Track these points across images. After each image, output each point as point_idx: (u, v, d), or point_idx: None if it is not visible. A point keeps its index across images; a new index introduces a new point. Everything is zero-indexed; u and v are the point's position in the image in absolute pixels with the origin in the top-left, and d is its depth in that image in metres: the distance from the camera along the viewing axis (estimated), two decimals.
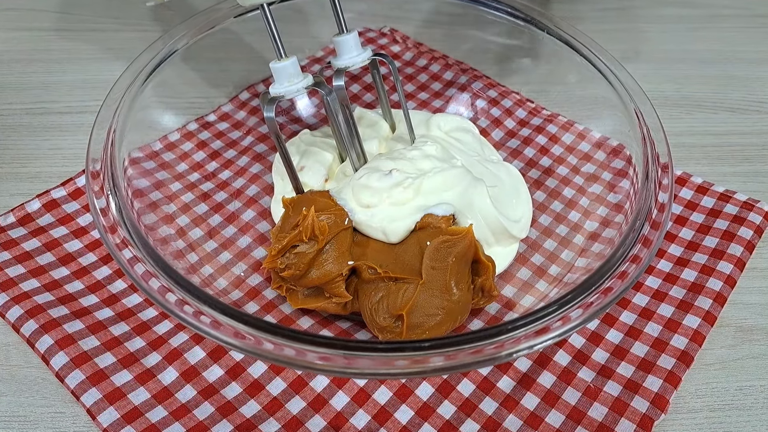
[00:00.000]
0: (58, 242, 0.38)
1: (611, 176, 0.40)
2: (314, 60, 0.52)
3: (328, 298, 0.34)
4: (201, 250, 0.38)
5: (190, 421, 0.32)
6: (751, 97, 0.53)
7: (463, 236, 0.34)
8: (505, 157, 0.45)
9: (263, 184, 0.43)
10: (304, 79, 0.36)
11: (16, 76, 0.51)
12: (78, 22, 0.57)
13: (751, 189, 0.44)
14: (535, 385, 0.34)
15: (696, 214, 0.42)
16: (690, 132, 0.50)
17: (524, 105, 0.48)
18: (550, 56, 0.45)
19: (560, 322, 0.28)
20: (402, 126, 0.42)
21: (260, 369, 0.34)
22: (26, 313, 0.34)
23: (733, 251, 0.39)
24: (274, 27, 0.35)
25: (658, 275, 0.39)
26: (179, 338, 0.35)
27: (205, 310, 0.28)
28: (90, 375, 0.32)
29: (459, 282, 0.33)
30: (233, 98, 0.48)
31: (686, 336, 0.35)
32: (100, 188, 0.32)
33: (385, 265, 0.34)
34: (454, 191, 0.36)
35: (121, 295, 0.36)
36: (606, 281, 0.30)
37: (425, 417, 0.33)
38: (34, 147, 0.46)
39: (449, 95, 0.50)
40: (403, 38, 0.55)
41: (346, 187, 0.37)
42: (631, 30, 0.60)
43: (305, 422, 0.32)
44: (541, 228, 0.41)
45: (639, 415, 0.32)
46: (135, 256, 0.30)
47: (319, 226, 0.33)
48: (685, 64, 0.56)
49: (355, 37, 0.38)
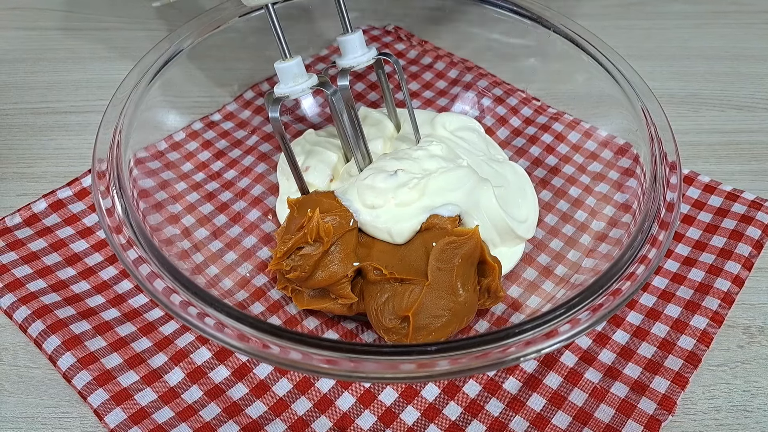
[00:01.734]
0: (64, 242, 0.38)
1: (618, 175, 0.40)
2: (319, 59, 0.52)
3: (333, 300, 0.34)
4: (206, 251, 0.38)
5: (196, 421, 0.32)
6: (759, 94, 0.53)
7: (469, 237, 0.34)
8: (510, 155, 0.45)
9: (268, 184, 0.43)
10: (308, 78, 0.36)
11: (21, 75, 0.51)
12: (82, 21, 0.57)
13: (760, 188, 0.44)
14: (541, 386, 0.34)
15: (703, 213, 0.42)
16: (697, 130, 0.50)
17: (530, 103, 0.48)
18: (556, 54, 0.44)
19: (568, 325, 0.28)
20: (407, 125, 0.42)
21: (266, 370, 0.34)
22: (33, 314, 0.34)
23: (741, 251, 0.39)
24: (279, 26, 0.35)
25: (666, 275, 0.38)
26: (185, 339, 0.35)
27: (210, 312, 0.28)
28: (97, 376, 0.32)
29: (465, 283, 0.33)
30: (238, 97, 0.48)
31: (694, 337, 0.35)
32: (105, 188, 0.32)
33: (390, 266, 0.34)
34: (460, 191, 0.36)
35: (127, 295, 0.36)
36: (615, 283, 0.30)
37: (431, 418, 0.33)
38: (39, 147, 0.46)
39: (454, 93, 0.50)
40: (408, 36, 0.55)
41: (351, 187, 0.37)
42: (637, 27, 0.60)
43: (311, 423, 0.32)
44: (548, 228, 0.41)
45: (646, 416, 0.32)
46: (140, 256, 0.30)
47: (324, 227, 0.33)
48: (691, 61, 0.56)
49: (359, 36, 0.38)
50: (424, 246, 0.34)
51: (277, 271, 0.35)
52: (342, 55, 0.38)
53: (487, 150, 0.43)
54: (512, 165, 0.43)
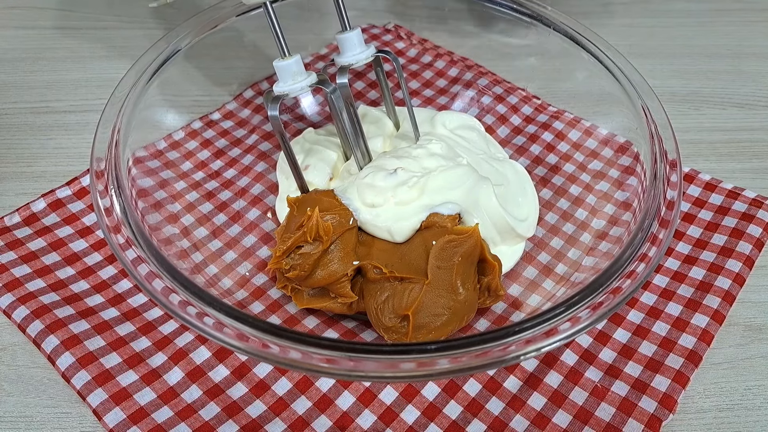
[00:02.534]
0: (63, 242, 0.38)
1: (618, 173, 0.40)
2: (318, 57, 0.52)
3: (333, 298, 0.34)
4: (206, 250, 0.38)
5: (196, 421, 0.32)
6: (760, 92, 0.52)
7: (469, 236, 0.34)
8: (510, 154, 0.45)
9: (268, 183, 0.43)
10: (308, 77, 0.36)
11: (20, 75, 0.51)
12: (81, 21, 0.57)
13: (760, 186, 0.44)
14: (542, 385, 0.34)
15: (704, 211, 0.42)
16: (698, 128, 0.49)
17: (530, 101, 0.48)
18: (556, 52, 0.44)
19: (569, 323, 0.28)
20: (406, 123, 0.42)
21: (266, 369, 0.34)
22: (32, 314, 0.34)
23: (741, 249, 0.39)
24: (277, 25, 0.35)
25: (666, 273, 0.38)
26: (185, 338, 0.35)
27: (210, 312, 0.28)
28: (96, 375, 0.32)
29: (465, 281, 0.33)
30: (237, 96, 0.48)
31: (694, 335, 0.35)
32: (104, 188, 0.32)
33: (390, 265, 0.33)
34: (460, 190, 0.36)
35: (126, 294, 0.36)
36: (615, 281, 0.30)
37: (431, 417, 0.32)
38: (38, 146, 0.46)
39: (454, 92, 0.50)
40: (408, 34, 0.55)
41: (351, 186, 0.36)
42: (638, 25, 0.60)
43: (311, 422, 0.32)
44: (548, 226, 0.40)
45: (647, 415, 0.32)
46: (139, 256, 0.30)
47: (324, 226, 0.33)
48: (692, 59, 0.56)
49: (358, 34, 0.38)
50: (423, 244, 0.34)
51: (276, 270, 0.35)
52: (341, 53, 0.38)
53: (487, 148, 0.43)
54: (512, 163, 0.43)
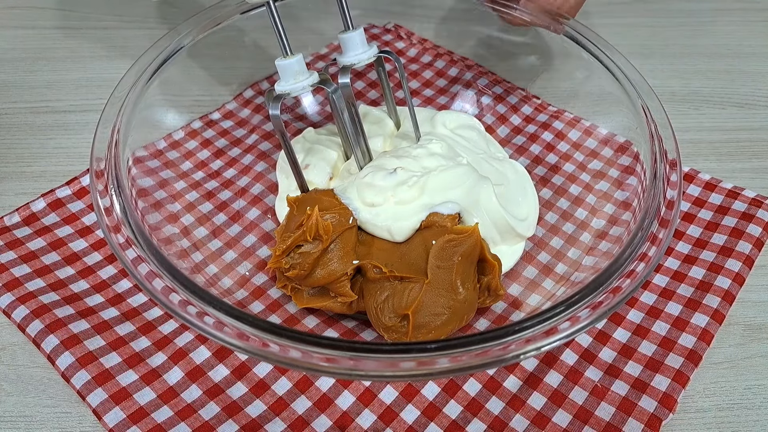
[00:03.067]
0: (63, 242, 0.38)
1: (618, 173, 0.40)
2: (319, 57, 0.52)
3: (333, 298, 0.34)
4: (205, 249, 0.38)
5: (195, 421, 0.32)
6: (760, 92, 0.53)
7: (469, 235, 0.34)
8: (510, 154, 0.45)
9: (268, 183, 0.43)
10: (309, 76, 0.36)
11: (20, 74, 0.51)
12: (81, 20, 0.57)
13: (760, 185, 0.44)
14: (541, 384, 0.34)
15: (704, 211, 0.42)
16: (698, 128, 0.49)
17: (530, 101, 0.48)
18: (556, 52, 0.44)
19: (568, 322, 0.28)
20: (407, 123, 0.42)
21: (266, 369, 0.34)
22: (32, 313, 0.34)
23: (741, 249, 0.39)
24: (280, 24, 0.35)
25: (666, 273, 0.38)
26: (184, 338, 0.35)
27: (210, 311, 0.28)
28: (96, 375, 0.32)
29: (465, 281, 0.33)
30: (237, 96, 0.48)
31: (694, 335, 0.35)
32: (104, 187, 0.32)
33: (390, 265, 0.33)
34: (460, 189, 0.36)
35: (126, 294, 0.36)
36: (614, 280, 0.30)
37: (431, 417, 0.32)
38: (38, 146, 0.46)
39: (454, 92, 0.50)
40: (408, 34, 0.55)
41: (351, 185, 0.36)
42: (638, 25, 0.60)
43: (311, 422, 0.32)
44: (548, 226, 0.40)
45: (647, 414, 0.32)
46: (139, 256, 0.30)
47: (324, 225, 0.33)
48: (692, 59, 0.56)
49: (361, 34, 0.38)
50: (423, 244, 0.34)
51: (276, 269, 0.35)
52: (343, 53, 0.38)
53: (487, 148, 0.43)
54: (512, 163, 0.43)
